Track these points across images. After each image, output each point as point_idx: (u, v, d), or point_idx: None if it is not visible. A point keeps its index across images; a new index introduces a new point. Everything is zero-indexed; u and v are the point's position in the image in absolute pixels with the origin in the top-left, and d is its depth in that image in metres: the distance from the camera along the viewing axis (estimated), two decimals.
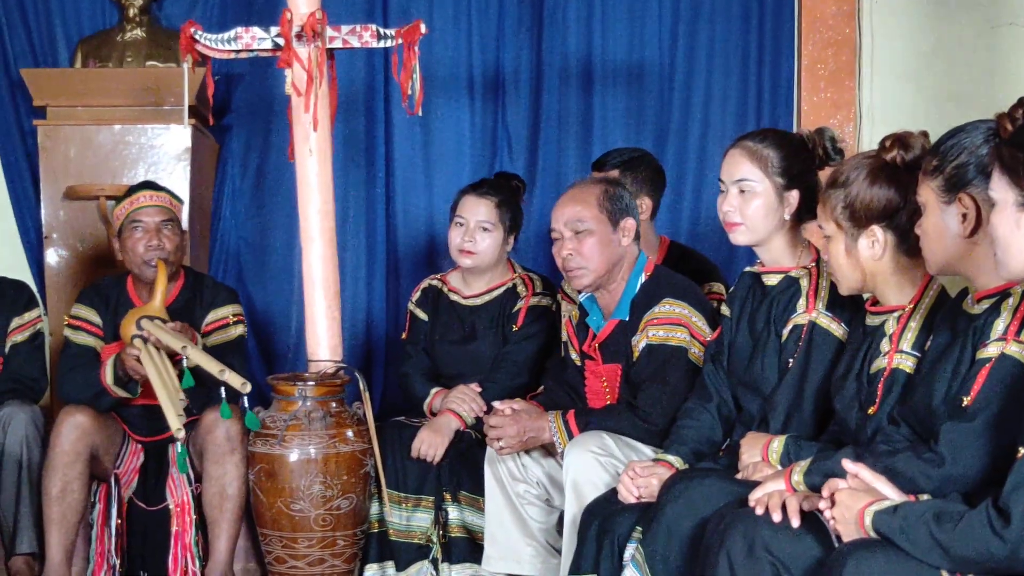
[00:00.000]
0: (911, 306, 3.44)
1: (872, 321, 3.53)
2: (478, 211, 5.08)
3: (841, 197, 3.45)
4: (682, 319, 4.32)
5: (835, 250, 3.51)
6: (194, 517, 4.96)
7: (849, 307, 3.73)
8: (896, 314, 3.46)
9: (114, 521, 5.00)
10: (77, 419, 4.83)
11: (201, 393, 4.76)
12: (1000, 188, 2.80)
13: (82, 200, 5.89)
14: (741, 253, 5.67)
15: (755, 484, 3.38)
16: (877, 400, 3.39)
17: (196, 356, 4.66)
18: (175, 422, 4.52)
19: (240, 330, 5.18)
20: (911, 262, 3.45)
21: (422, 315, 5.29)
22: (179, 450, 4.67)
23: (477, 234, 5.07)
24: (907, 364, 3.37)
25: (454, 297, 5.25)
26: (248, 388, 4.55)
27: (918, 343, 3.38)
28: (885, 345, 3.44)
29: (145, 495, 5.02)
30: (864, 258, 3.46)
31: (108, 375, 4.86)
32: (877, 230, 3.43)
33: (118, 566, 4.99)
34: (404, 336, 5.35)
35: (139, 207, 5.02)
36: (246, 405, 4.66)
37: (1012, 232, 2.79)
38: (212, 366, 4.59)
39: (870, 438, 3.36)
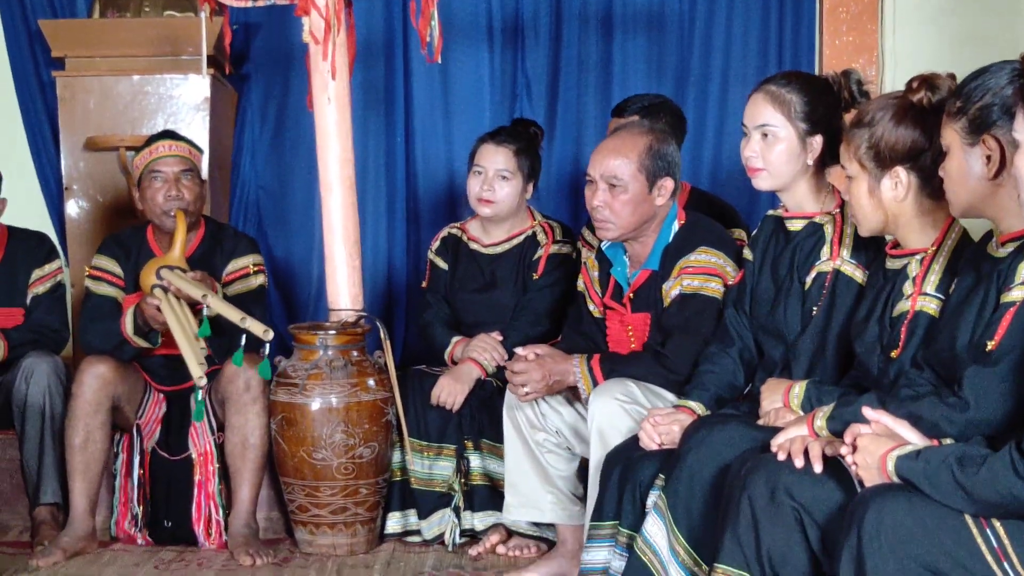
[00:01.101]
0: (934, 248, 3.42)
1: (893, 264, 3.51)
2: (496, 160, 5.06)
3: (866, 137, 3.42)
4: (717, 269, 4.27)
5: (857, 191, 3.48)
6: (217, 466, 4.97)
7: (872, 251, 3.71)
8: (919, 257, 3.44)
9: (136, 471, 5.02)
10: (99, 369, 4.84)
11: (224, 342, 4.78)
12: None
13: (102, 151, 5.89)
14: (763, 199, 5.64)
15: (777, 430, 3.37)
16: (900, 343, 3.38)
17: (217, 305, 4.66)
18: (197, 371, 4.55)
19: (260, 279, 5.17)
20: (934, 204, 3.42)
21: (442, 264, 5.28)
22: (197, 399, 4.69)
23: (495, 183, 5.05)
24: (930, 307, 3.35)
25: (474, 246, 5.24)
26: (271, 335, 4.57)
27: (942, 285, 3.36)
28: (908, 288, 3.42)
29: (168, 445, 5.03)
30: (887, 199, 3.43)
31: (128, 325, 4.86)
32: (901, 171, 3.40)
33: (141, 515, 5.01)
34: (424, 285, 5.34)
35: (158, 157, 5.02)
36: (266, 353, 4.67)
37: None
38: (233, 314, 4.60)
39: (893, 381, 3.35)
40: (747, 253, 4.10)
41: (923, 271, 3.41)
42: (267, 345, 4.62)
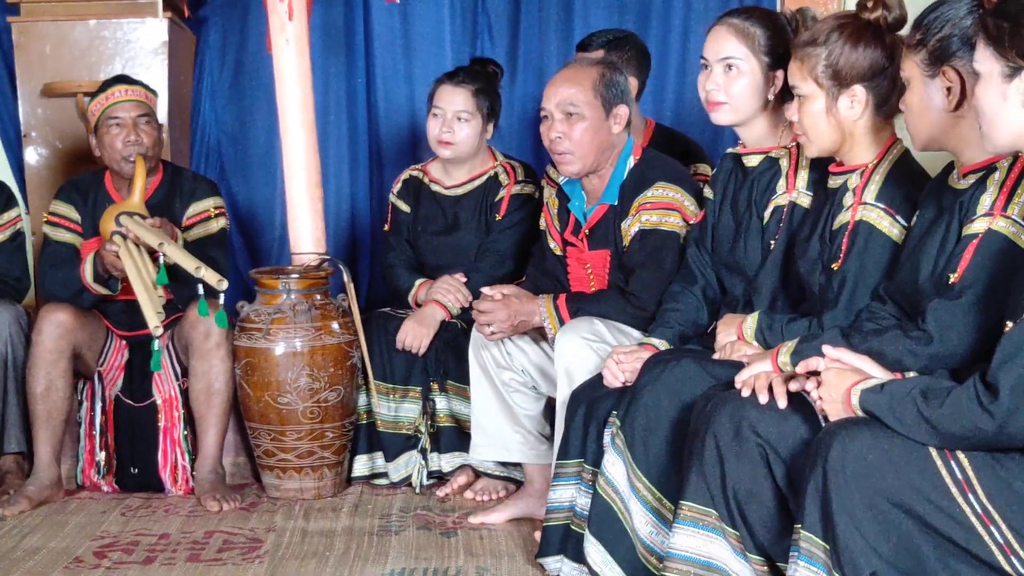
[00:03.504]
0: (875, 162, 3.46)
1: (835, 183, 3.54)
2: (455, 100, 5.02)
3: (823, 56, 3.43)
4: (675, 203, 4.26)
5: (812, 109, 3.48)
6: (182, 412, 4.96)
7: (823, 180, 3.71)
8: (859, 170, 3.46)
9: (99, 418, 5.00)
10: (58, 317, 4.81)
11: (187, 288, 4.74)
12: (985, 60, 2.77)
13: (60, 97, 5.82)
14: (726, 135, 5.61)
15: (731, 363, 3.38)
16: (842, 254, 3.41)
17: (173, 252, 4.63)
18: (153, 320, 4.54)
19: (222, 223, 5.13)
20: (883, 122, 3.48)
21: (404, 206, 5.25)
22: (154, 348, 4.66)
23: (455, 124, 5.02)
24: (871, 216, 3.38)
25: (435, 187, 5.21)
26: (224, 285, 4.53)
27: (882, 195, 3.40)
28: (848, 199, 3.45)
29: (131, 391, 5.00)
30: (843, 117, 3.46)
31: (88, 272, 4.83)
32: (859, 89, 3.43)
33: (103, 462, 4.99)
34: (386, 228, 5.31)
35: (115, 102, 4.96)
36: (221, 302, 4.64)
37: (997, 105, 2.76)
38: (188, 263, 4.57)
39: (836, 294, 3.39)
40: (707, 191, 4.10)
41: (863, 182, 3.44)
42: (221, 294, 4.59)
